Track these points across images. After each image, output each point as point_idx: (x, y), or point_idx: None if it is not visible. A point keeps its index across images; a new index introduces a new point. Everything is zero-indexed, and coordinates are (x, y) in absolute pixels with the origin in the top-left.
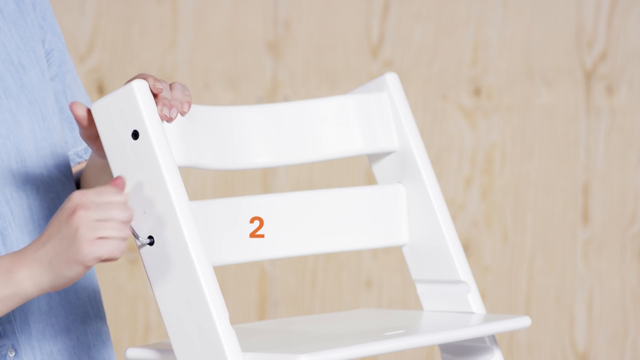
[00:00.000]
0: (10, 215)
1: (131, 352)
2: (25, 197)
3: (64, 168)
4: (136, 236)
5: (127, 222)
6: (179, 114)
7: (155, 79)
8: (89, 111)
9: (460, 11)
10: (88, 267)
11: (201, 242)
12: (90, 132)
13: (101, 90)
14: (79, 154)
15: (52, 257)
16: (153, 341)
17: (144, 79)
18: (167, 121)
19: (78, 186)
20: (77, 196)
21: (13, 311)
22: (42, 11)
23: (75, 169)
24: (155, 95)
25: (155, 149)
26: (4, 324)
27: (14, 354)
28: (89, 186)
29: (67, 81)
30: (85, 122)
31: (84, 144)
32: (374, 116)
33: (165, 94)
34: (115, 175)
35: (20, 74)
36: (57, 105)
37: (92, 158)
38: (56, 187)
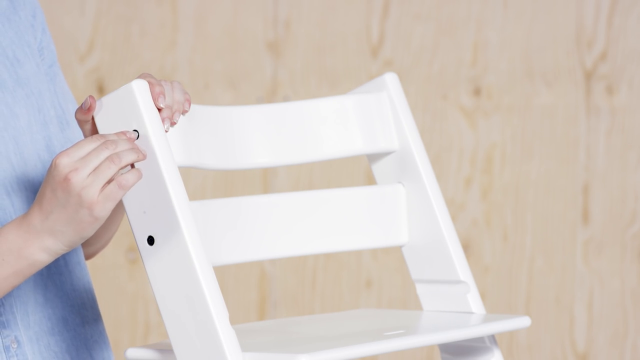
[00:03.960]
0: (11, 208)
1: (131, 352)
2: (24, 190)
3: None
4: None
5: (119, 154)
6: (180, 114)
7: (157, 83)
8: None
9: (460, 11)
10: (104, 220)
11: (201, 242)
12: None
13: (101, 90)
14: None
15: (63, 226)
16: (153, 341)
17: (144, 79)
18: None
19: None
20: (62, 161)
21: (14, 302)
22: (32, 9)
23: None
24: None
25: (155, 148)
26: (7, 315)
27: (16, 345)
28: None
29: (57, 82)
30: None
31: None
32: (373, 116)
33: (167, 100)
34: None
35: (15, 67)
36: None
37: None
38: None
